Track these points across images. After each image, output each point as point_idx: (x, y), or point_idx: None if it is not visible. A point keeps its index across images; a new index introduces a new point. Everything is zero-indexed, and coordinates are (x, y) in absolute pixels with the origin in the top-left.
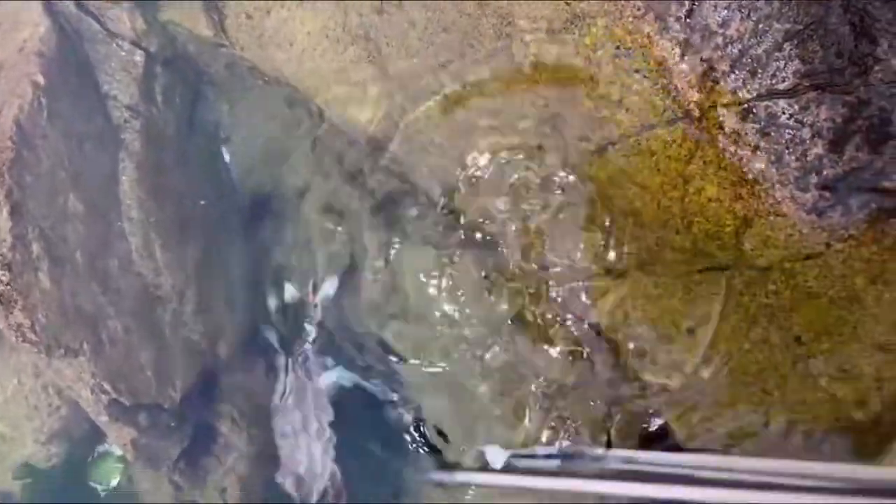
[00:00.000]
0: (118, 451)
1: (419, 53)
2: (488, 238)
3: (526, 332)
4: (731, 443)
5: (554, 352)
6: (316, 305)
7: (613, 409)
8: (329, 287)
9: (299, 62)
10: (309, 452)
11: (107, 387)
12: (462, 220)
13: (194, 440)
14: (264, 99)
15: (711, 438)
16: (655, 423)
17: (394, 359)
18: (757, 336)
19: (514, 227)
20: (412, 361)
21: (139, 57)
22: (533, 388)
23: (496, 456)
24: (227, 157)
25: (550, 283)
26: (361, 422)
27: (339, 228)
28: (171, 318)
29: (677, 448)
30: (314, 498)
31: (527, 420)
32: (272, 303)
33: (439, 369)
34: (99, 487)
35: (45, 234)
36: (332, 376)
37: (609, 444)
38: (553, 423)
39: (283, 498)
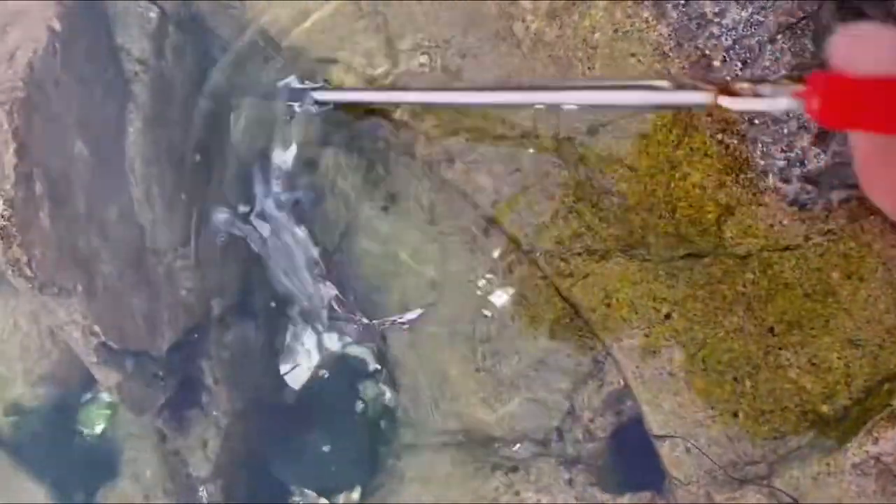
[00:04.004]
0: (107, 398)
1: (424, 28)
2: (479, 211)
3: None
4: (701, 429)
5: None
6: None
7: (586, 385)
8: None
9: (309, 30)
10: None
11: (97, 329)
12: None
13: (179, 392)
14: (273, 66)
15: (682, 424)
16: (626, 405)
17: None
18: (732, 325)
19: (503, 201)
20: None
21: (154, 14)
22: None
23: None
24: (232, 122)
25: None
26: None
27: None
28: (165, 270)
29: None
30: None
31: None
32: None
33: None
34: (85, 431)
35: (48, 175)
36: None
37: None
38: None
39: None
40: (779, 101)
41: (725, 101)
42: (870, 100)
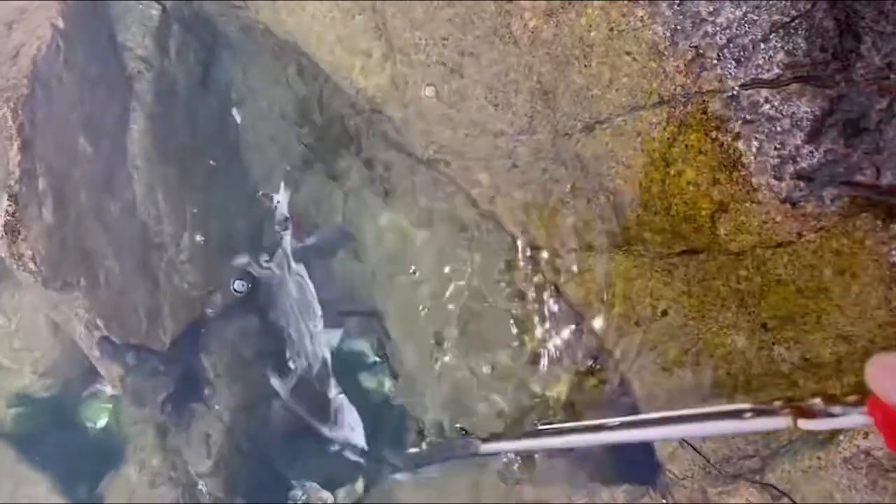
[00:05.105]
0: (109, 392)
1: (423, 26)
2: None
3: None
4: None
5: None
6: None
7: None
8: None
9: (309, 27)
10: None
11: (99, 323)
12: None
13: (181, 385)
14: (275, 63)
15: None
16: (623, 402)
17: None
18: (726, 320)
19: (500, 200)
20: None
21: (156, 11)
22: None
23: None
24: (237, 119)
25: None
26: None
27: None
28: (167, 265)
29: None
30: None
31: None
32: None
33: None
34: (88, 425)
35: (52, 171)
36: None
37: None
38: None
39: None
40: (854, 419)
41: (805, 424)
42: None
